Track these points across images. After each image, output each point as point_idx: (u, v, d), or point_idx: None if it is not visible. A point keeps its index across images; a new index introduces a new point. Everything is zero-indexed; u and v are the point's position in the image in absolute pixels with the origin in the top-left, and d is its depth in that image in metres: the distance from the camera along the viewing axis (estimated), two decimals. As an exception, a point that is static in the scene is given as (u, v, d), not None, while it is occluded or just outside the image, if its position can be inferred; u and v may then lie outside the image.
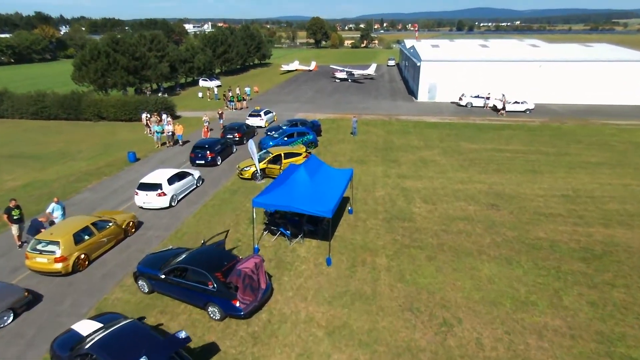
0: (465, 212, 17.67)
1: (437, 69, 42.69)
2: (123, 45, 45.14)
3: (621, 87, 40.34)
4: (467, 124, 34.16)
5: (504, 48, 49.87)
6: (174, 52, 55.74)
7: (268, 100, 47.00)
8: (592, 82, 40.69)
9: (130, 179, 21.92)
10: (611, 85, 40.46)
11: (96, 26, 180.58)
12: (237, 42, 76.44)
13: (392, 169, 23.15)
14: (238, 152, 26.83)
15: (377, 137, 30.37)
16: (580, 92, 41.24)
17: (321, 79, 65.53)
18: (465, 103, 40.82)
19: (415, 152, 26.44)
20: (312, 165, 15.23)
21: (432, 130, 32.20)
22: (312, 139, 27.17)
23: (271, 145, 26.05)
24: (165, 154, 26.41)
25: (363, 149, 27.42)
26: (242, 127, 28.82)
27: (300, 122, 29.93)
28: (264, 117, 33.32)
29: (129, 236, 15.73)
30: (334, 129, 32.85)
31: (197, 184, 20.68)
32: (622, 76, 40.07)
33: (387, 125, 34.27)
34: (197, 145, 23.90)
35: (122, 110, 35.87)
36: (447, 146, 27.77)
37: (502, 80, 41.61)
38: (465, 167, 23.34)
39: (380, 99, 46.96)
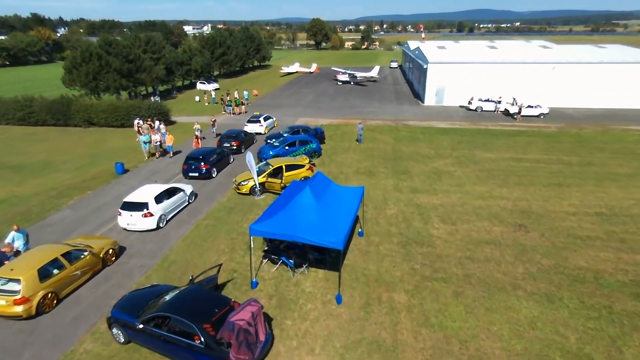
0: (490, 234, 15.67)
1: (444, 72, 40.76)
2: (116, 47, 43.21)
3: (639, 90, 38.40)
4: (479, 130, 32.18)
5: (513, 49, 47.96)
6: (170, 54, 53.82)
7: (268, 104, 45.06)
8: (608, 85, 38.75)
9: (117, 194, 19.92)
10: (628, 88, 38.52)
11: (94, 28, 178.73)
12: (236, 43, 74.57)
13: (403, 182, 21.15)
14: (235, 162, 24.84)
15: (384, 145, 28.39)
16: (595, 96, 39.29)
17: (323, 81, 63.61)
18: (475, 107, 38.86)
19: (427, 162, 24.45)
20: (318, 185, 13.20)
21: (443, 137, 30.22)
22: (315, 147, 25.19)
23: (271, 155, 24.08)
24: (156, 165, 24.41)
25: (370, 158, 25.44)
26: (239, 134, 26.82)
27: (303, 129, 27.95)
28: (264, 124, 31.35)
29: (108, 266, 13.72)
30: (338, 136, 30.87)
31: (190, 201, 18.68)
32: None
33: (394, 131, 32.30)
34: (191, 156, 21.90)
35: (114, 116, 33.89)
36: (461, 155, 25.79)
37: (513, 83, 39.69)
38: (484, 180, 21.34)
39: (385, 102, 45.00)
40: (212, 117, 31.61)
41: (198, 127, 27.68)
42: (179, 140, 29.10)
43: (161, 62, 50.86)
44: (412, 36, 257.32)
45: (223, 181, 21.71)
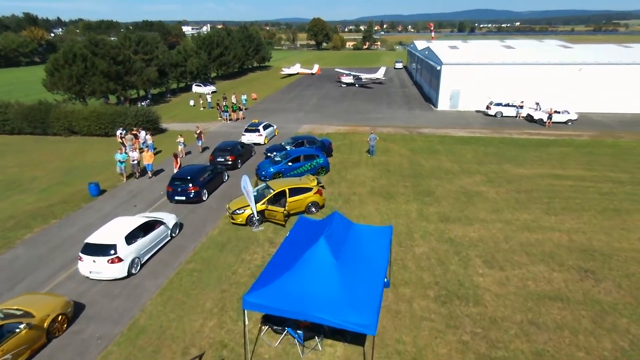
0: (552, 284, 12.32)
1: (460, 74, 37.44)
2: (104, 47, 39.87)
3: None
4: (504, 139, 28.83)
5: (531, 49, 44.63)
6: (164, 55, 50.47)
7: (267, 108, 41.72)
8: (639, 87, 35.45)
9: (86, 224, 16.57)
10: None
11: (90, 28, 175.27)
12: (234, 44, 71.21)
13: (429, 207, 17.80)
14: (231, 179, 21.48)
15: (400, 158, 25.05)
16: (626, 100, 35.97)
17: (325, 83, 60.27)
18: (495, 112, 35.53)
19: (453, 180, 21.10)
20: (336, 233, 9.80)
21: (464, 148, 26.89)
22: (322, 163, 21.84)
23: (272, 172, 20.73)
24: (137, 185, 20.98)
25: (386, 174, 22.10)
26: (235, 147, 23.42)
27: (307, 140, 24.58)
28: (263, 133, 27.98)
29: (56, 337, 10.37)
30: (346, 146, 27.53)
31: (173, 234, 15.33)
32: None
33: (409, 141, 28.95)
34: (176, 177, 18.51)
35: (97, 124, 30.52)
36: (490, 171, 22.45)
37: (534, 86, 36.37)
38: (524, 204, 18.00)
39: (394, 107, 41.65)
40: (197, 128, 26.37)
41: (181, 141, 24.31)
42: (167, 153, 25.78)
43: (153, 64, 47.51)
44: (414, 36, 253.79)
45: (215, 206, 18.34)
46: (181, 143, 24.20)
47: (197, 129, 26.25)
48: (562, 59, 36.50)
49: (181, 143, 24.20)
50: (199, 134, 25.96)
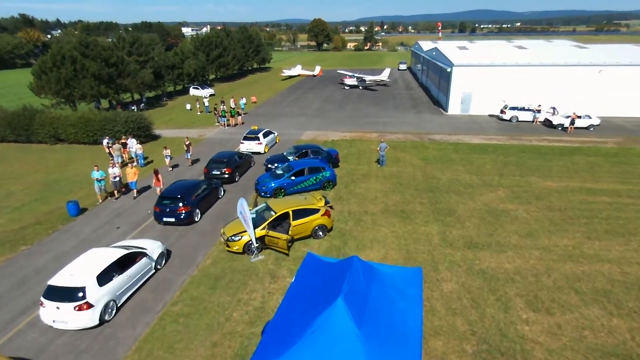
0: (614, 334, 10.14)
1: (471, 76, 35.30)
2: (95, 49, 37.77)
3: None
4: (523, 147, 26.67)
5: (545, 50, 42.47)
6: (160, 57, 48.39)
7: (268, 113, 39.58)
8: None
9: (60, 252, 14.44)
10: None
11: (89, 29, 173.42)
12: (233, 45, 69.12)
13: (452, 230, 15.64)
14: (227, 195, 19.34)
15: (412, 169, 22.89)
16: (649, 103, 33.80)
17: (328, 85, 58.15)
18: (510, 117, 33.36)
19: (474, 195, 18.93)
20: (356, 287, 7.60)
21: (482, 157, 24.73)
22: (329, 176, 19.68)
23: (273, 188, 18.60)
24: (121, 204, 18.76)
25: (399, 189, 19.94)
26: (232, 158, 21.23)
27: (312, 150, 22.44)
28: (263, 141, 25.83)
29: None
30: (353, 156, 25.37)
31: (158, 266, 13.19)
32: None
33: (421, 148, 26.78)
34: (165, 195, 16.36)
35: (84, 131, 28.38)
36: (514, 184, 20.28)
37: (550, 88, 34.22)
38: (560, 225, 15.83)
39: (401, 111, 39.50)
40: (186, 139, 23.92)
41: (168, 153, 22.08)
42: (159, 163, 23.64)
43: (149, 66, 45.44)
44: (415, 37, 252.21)
45: (209, 228, 16.18)
46: (168, 156, 21.98)
47: (185, 140, 23.73)
48: (580, 60, 34.34)
49: (168, 156, 21.98)
50: (188, 145, 23.43)
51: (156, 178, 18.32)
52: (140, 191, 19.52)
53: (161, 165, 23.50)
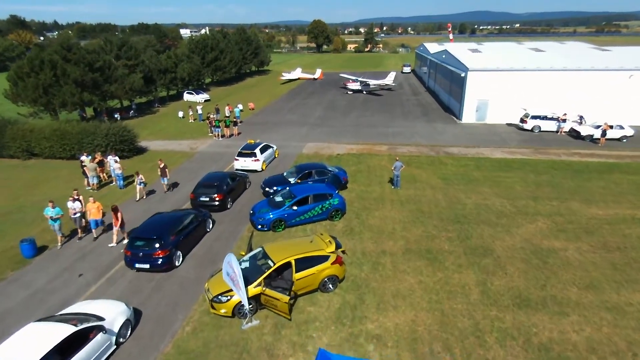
0: None
1: (488, 81, 32.37)
2: (78, 52, 34.77)
3: None
4: (553, 163, 23.72)
5: (564, 53, 39.58)
6: (151, 61, 45.40)
7: (266, 121, 36.59)
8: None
9: (3, 310, 11.43)
10: None
11: (85, 31, 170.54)
12: (230, 47, 66.18)
13: (493, 278, 12.64)
14: (217, 229, 16.32)
15: (432, 191, 19.90)
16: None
17: (330, 89, 55.21)
18: (532, 127, 30.42)
19: (510, 227, 15.94)
20: None
21: (509, 176, 21.75)
22: (337, 205, 16.67)
23: (271, 220, 15.61)
24: (86, 244, 15.68)
25: (420, 218, 16.95)
26: (224, 181, 18.17)
27: (316, 169, 19.43)
28: (261, 157, 22.82)
29: None
30: (362, 173, 22.40)
31: (121, 339, 10.16)
32: None
33: (438, 165, 23.81)
34: (138, 236, 13.33)
35: (60, 145, 25.35)
36: (554, 211, 17.30)
37: (574, 95, 31.31)
38: (627, 273, 12.76)
39: (411, 118, 36.54)
40: (160, 162, 19.67)
41: (141, 179, 18.63)
42: (148, 181, 20.61)
43: (138, 70, 42.46)
44: (415, 38, 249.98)
45: (192, 276, 13.16)
46: (140, 182, 18.64)
47: (159, 163, 19.62)
48: (608, 64, 31.42)
49: (140, 182, 18.64)
50: (163, 168, 19.42)
51: (115, 217, 14.57)
52: (101, 232, 15.77)
53: (150, 184, 20.52)
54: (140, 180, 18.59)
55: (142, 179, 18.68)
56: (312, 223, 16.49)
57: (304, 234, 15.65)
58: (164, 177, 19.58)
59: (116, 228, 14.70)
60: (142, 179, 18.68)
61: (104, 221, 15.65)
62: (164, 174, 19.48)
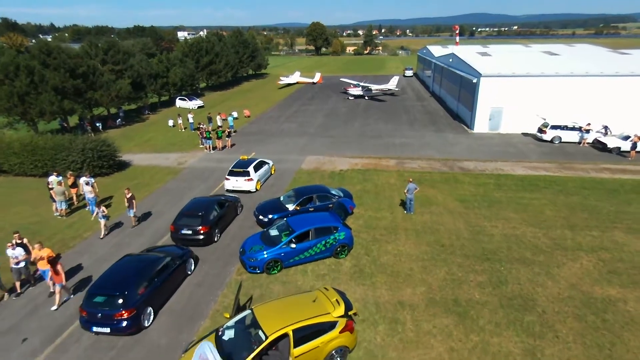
0: None
1: (502, 88, 29.87)
2: (58, 57, 32.15)
3: None
4: (583, 181, 21.17)
5: (582, 56, 37.10)
6: (140, 65, 42.77)
7: (262, 131, 34.01)
8: None
9: None
10: None
11: (80, 34, 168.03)
12: (226, 50, 63.63)
13: (542, 343, 10.00)
14: (199, 271, 13.67)
15: (450, 217, 17.33)
16: None
17: (330, 94, 52.71)
18: (551, 138, 27.93)
19: (550, 268, 13.35)
20: None
21: (535, 197, 19.19)
22: (344, 239, 14.06)
23: (265, 260, 12.99)
24: (36, 293, 13.01)
25: (440, 254, 14.36)
26: (210, 209, 15.47)
27: (318, 193, 16.84)
28: (254, 176, 20.17)
29: None
30: (369, 194, 19.81)
31: None
32: None
33: (453, 183, 21.24)
34: (97, 292, 10.65)
35: (31, 161, 22.73)
36: (597, 245, 14.73)
37: (594, 103, 28.86)
38: None
39: (418, 127, 34.00)
40: (127, 192, 16.36)
41: (103, 212, 15.55)
42: (117, 209, 17.95)
43: (126, 76, 39.84)
44: (414, 40, 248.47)
45: (164, 341, 10.51)
46: (102, 215, 15.63)
47: (126, 193, 16.37)
48: (635, 70, 28.94)
49: (102, 215, 15.63)
50: (130, 199, 16.30)
51: (53, 271, 11.41)
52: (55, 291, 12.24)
53: (119, 212, 17.86)
54: (102, 213, 15.55)
55: (104, 212, 15.64)
56: (314, 261, 13.90)
57: (303, 278, 13.06)
58: (130, 209, 16.45)
59: (57, 286, 11.61)
60: (104, 212, 15.64)
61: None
62: (131, 205, 16.35)
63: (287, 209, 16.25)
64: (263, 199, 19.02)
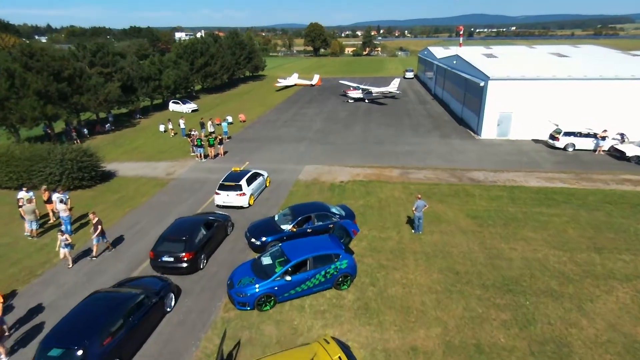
0: None
1: (512, 92, 28.25)
2: (42, 59, 30.38)
3: None
4: (604, 195, 19.50)
5: (593, 59, 35.56)
6: (131, 67, 41.00)
7: (258, 137, 32.30)
8: None
9: None
10: None
11: (75, 35, 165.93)
12: (222, 52, 61.89)
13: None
14: (180, 306, 11.96)
15: (463, 237, 15.66)
16: None
17: (329, 97, 51.05)
18: (564, 145, 26.33)
19: (581, 302, 11.68)
20: None
21: (554, 213, 17.54)
22: (346, 269, 12.35)
23: (257, 295, 11.28)
24: None
25: (455, 284, 12.68)
26: (195, 231, 13.70)
27: (317, 213, 15.12)
28: (247, 189, 18.43)
29: None
30: (373, 210, 18.12)
31: None
32: None
33: (464, 196, 19.57)
34: (57, 333, 8.86)
35: (5, 173, 20.96)
36: (630, 272, 13.01)
37: (609, 108, 27.30)
38: None
39: (422, 132, 32.35)
40: (93, 216, 14.25)
41: (66, 241, 13.39)
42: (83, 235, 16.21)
43: (116, 79, 38.09)
44: (413, 41, 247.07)
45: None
46: (65, 244, 13.49)
47: (92, 217, 14.20)
48: (650, 72, 27.42)
49: (65, 244, 13.49)
50: (96, 224, 14.03)
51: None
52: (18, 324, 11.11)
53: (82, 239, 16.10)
54: (64, 242, 13.46)
55: (68, 240, 13.57)
56: (313, 294, 12.22)
57: (300, 316, 11.35)
58: (96, 236, 14.15)
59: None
60: (68, 240, 13.57)
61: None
62: (99, 230, 14.10)
63: (282, 230, 14.55)
64: (257, 216, 17.38)
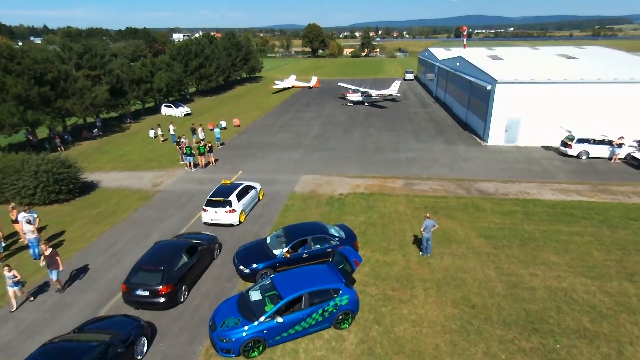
0: None
1: (520, 96, 26.67)
2: (23, 61, 28.68)
3: None
4: (627, 209, 17.88)
5: (603, 61, 34.01)
6: (121, 69, 39.30)
7: (252, 143, 30.62)
8: None
9: None
10: None
11: (70, 36, 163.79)
12: (217, 53, 60.24)
13: None
14: (153, 352, 10.29)
15: (476, 260, 14.04)
16: None
17: (327, 100, 49.43)
18: (578, 152, 24.78)
19: (620, 344, 10.02)
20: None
21: (575, 231, 15.92)
22: (347, 305, 10.70)
23: (244, 340, 9.61)
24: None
25: (471, 321, 11.05)
26: (175, 259, 11.99)
27: (314, 235, 13.43)
28: (238, 205, 16.75)
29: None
30: (375, 228, 16.48)
31: None
32: None
33: (474, 211, 17.94)
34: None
35: (-25, 186, 19.32)
36: (671, 305, 11.54)
37: (624, 113, 25.80)
38: None
39: (425, 138, 30.72)
40: (45, 247, 12.34)
41: (14, 277, 11.44)
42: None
43: (104, 82, 36.40)
44: (412, 42, 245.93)
45: None
46: (14, 282, 11.43)
47: (44, 249, 12.30)
48: (668, 75, 25.90)
49: (14, 282, 11.43)
50: (51, 255, 12.23)
51: None
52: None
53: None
54: (12, 279, 11.49)
55: (17, 277, 11.59)
56: (308, 335, 10.58)
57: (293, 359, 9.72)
58: (52, 269, 12.24)
59: None
60: (17, 277, 11.59)
61: None
62: (54, 262, 12.21)
63: (274, 256, 12.89)
64: (248, 234, 15.75)
